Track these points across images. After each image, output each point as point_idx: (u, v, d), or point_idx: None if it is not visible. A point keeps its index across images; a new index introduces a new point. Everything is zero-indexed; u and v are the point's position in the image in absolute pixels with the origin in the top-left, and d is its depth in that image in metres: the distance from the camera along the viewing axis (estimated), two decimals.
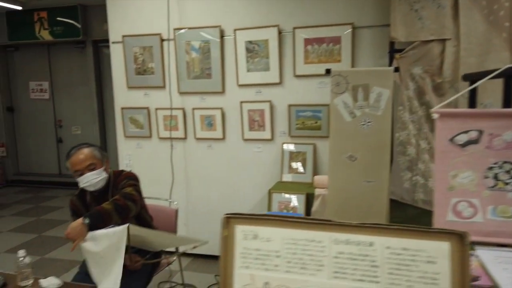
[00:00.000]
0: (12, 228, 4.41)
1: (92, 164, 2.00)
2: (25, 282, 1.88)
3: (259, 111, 3.11)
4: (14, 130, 6.55)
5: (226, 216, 1.16)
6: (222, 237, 1.17)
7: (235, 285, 1.12)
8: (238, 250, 1.13)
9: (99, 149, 2.09)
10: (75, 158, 1.99)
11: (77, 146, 2.06)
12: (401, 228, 1.00)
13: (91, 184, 2.01)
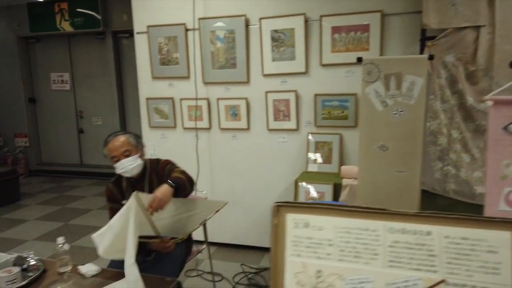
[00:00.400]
0: (39, 217, 4.51)
1: (128, 151, 2.05)
2: (64, 268, 1.92)
3: (284, 101, 3.09)
4: (36, 121, 6.67)
5: (276, 204, 1.16)
6: (273, 225, 1.18)
7: (287, 272, 1.13)
8: (289, 238, 1.14)
9: (135, 136, 2.14)
10: (111, 144, 2.06)
11: (114, 133, 2.12)
12: (460, 217, 0.99)
13: (127, 170, 2.06)
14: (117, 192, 2.17)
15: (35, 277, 1.83)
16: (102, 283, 1.80)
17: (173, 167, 2.16)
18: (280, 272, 1.13)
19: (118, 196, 2.16)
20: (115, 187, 2.18)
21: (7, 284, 1.74)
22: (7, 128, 6.64)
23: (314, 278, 1.09)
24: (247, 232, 3.42)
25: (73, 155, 6.60)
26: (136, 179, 2.14)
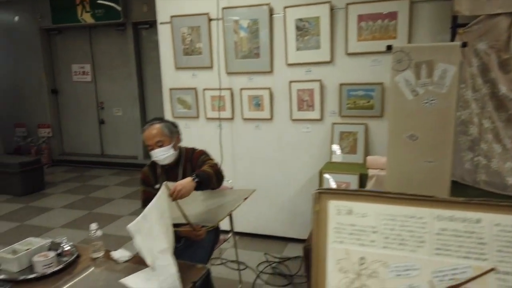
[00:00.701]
0: (64, 205, 4.61)
1: (160, 141, 2.09)
2: (96, 254, 1.97)
3: (308, 90, 3.07)
4: (59, 112, 6.79)
5: (318, 191, 1.16)
6: (314, 212, 1.18)
7: (329, 259, 1.13)
8: (331, 225, 1.13)
9: (169, 126, 2.17)
10: (147, 133, 2.11)
11: (151, 121, 2.17)
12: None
13: (160, 159, 2.12)
14: (152, 177, 2.22)
15: (70, 262, 1.88)
16: (134, 269, 1.83)
17: (207, 158, 2.19)
18: (322, 258, 1.13)
19: (152, 180, 2.21)
20: (150, 171, 2.23)
21: (44, 268, 1.78)
22: (31, 119, 6.78)
23: (357, 265, 1.09)
24: (270, 222, 3.43)
25: (94, 146, 6.71)
26: (170, 166, 2.19)
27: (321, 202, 1.14)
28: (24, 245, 1.93)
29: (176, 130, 2.21)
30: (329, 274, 1.11)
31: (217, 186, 2.09)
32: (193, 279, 1.71)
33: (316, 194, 1.16)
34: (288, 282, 2.78)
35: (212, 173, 2.03)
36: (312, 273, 1.14)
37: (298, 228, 3.34)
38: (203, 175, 1.98)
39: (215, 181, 2.05)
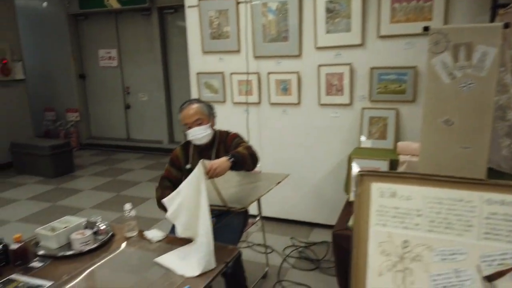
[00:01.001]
0: (92, 187, 4.74)
1: (199, 119, 2.12)
2: (131, 233, 2.01)
3: (337, 74, 3.01)
4: (86, 97, 6.92)
5: (360, 173, 1.14)
6: (356, 194, 1.16)
7: (371, 241, 1.11)
8: (373, 207, 1.12)
9: (208, 106, 2.20)
10: (185, 112, 2.15)
11: (189, 101, 2.20)
12: None
13: (197, 138, 2.14)
14: (183, 157, 2.24)
15: (105, 240, 1.93)
16: (167, 248, 1.87)
17: (240, 141, 2.20)
18: (363, 241, 1.11)
19: (182, 161, 2.23)
20: (182, 152, 2.25)
21: (81, 245, 1.84)
22: (59, 103, 6.95)
23: (401, 248, 1.07)
24: (296, 207, 3.43)
25: (120, 130, 6.83)
26: (204, 147, 2.21)
27: (363, 185, 1.12)
28: (62, 223, 1.99)
29: (213, 111, 2.23)
30: (370, 257, 1.10)
31: (252, 168, 2.09)
32: (226, 260, 1.73)
33: (358, 176, 1.14)
34: (314, 267, 2.79)
35: (247, 155, 2.03)
36: (352, 256, 1.13)
37: (325, 214, 3.33)
38: (238, 155, 1.99)
39: (250, 163, 2.05)
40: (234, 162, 1.94)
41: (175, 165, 2.24)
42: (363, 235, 1.11)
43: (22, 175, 5.29)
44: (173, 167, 2.25)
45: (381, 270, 1.08)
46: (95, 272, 1.71)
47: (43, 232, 1.89)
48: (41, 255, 1.81)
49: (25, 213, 3.94)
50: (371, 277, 1.09)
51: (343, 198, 2.94)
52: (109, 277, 1.70)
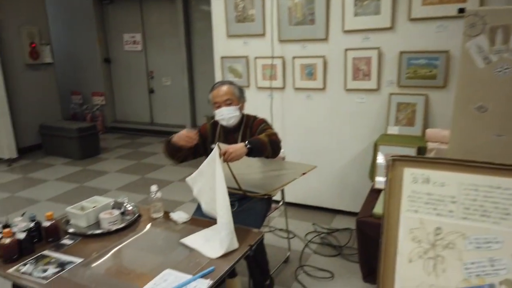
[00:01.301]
0: (118, 170, 4.85)
1: (229, 100, 2.12)
2: (156, 214, 2.05)
3: (365, 59, 2.94)
4: (111, 81, 7.03)
5: (392, 158, 1.11)
6: (387, 179, 1.14)
7: (401, 228, 1.09)
8: (405, 193, 1.09)
9: (239, 89, 2.20)
10: (216, 91, 2.15)
11: (222, 81, 2.22)
12: None
13: (225, 119, 2.13)
14: (210, 133, 2.25)
15: (132, 221, 1.97)
16: (192, 230, 1.89)
17: (266, 127, 2.17)
18: (394, 227, 1.09)
19: (209, 136, 2.24)
20: (211, 129, 2.27)
21: (109, 225, 1.89)
22: (86, 87, 7.09)
23: (433, 235, 1.04)
24: (319, 193, 3.41)
25: (144, 114, 6.93)
26: (231, 129, 2.21)
27: (395, 170, 1.10)
28: (91, 202, 2.04)
29: (243, 95, 2.23)
30: (400, 243, 1.08)
31: (272, 156, 2.06)
32: (250, 243, 1.74)
33: (390, 161, 1.11)
34: (337, 253, 2.78)
35: (266, 142, 2.00)
36: (381, 241, 1.11)
37: (348, 201, 3.29)
38: (256, 142, 1.97)
39: (269, 150, 2.01)
40: (250, 149, 1.92)
41: (202, 135, 2.23)
42: (393, 221, 1.09)
43: (50, 156, 5.46)
44: (200, 137, 2.22)
45: (412, 257, 1.06)
46: (123, 251, 1.75)
47: (73, 211, 1.95)
48: (72, 233, 1.86)
49: (54, 193, 4.08)
50: (400, 263, 1.07)
51: (368, 185, 2.90)
52: (136, 256, 1.74)
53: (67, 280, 1.51)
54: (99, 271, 1.58)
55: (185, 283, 1.44)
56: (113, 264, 1.66)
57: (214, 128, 2.26)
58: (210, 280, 1.46)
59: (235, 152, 1.88)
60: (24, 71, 5.54)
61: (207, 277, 1.48)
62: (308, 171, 2.15)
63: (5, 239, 1.61)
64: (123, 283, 1.49)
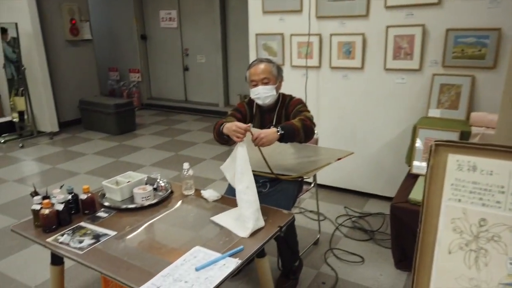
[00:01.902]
0: (152, 146, 4.95)
1: (267, 79, 2.07)
2: (188, 191, 2.07)
3: (408, 36, 2.78)
4: (147, 57, 7.12)
5: (436, 143, 1.04)
6: (429, 165, 1.07)
7: (442, 217, 1.02)
8: (448, 181, 1.02)
9: (277, 67, 2.14)
10: (254, 69, 2.10)
11: (260, 59, 2.15)
12: None
13: (260, 98, 2.09)
14: (248, 111, 2.22)
15: (164, 197, 2.00)
16: (222, 208, 1.90)
17: (302, 108, 2.11)
18: (434, 215, 1.03)
19: (246, 113, 2.20)
20: (248, 106, 2.23)
21: (142, 200, 1.92)
22: (123, 64, 7.23)
23: (476, 226, 0.97)
24: (352, 176, 3.33)
25: (178, 92, 7.00)
26: (266, 109, 2.17)
27: (438, 155, 1.02)
28: (125, 177, 2.09)
29: (281, 74, 2.16)
30: (440, 233, 1.01)
31: (305, 141, 2.00)
32: (280, 224, 1.72)
33: (432, 146, 1.03)
34: (368, 238, 2.72)
35: (299, 127, 1.94)
36: (419, 230, 1.05)
37: (382, 185, 3.20)
38: (288, 128, 1.91)
39: (302, 136, 1.95)
40: (282, 134, 1.88)
41: (241, 111, 2.20)
42: (433, 210, 1.03)
43: (89, 131, 5.66)
44: (238, 112, 2.20)
45: (451, 248, 1.00)
46: (155, 226, 1.79)
47: (108, 185, 2.00)
48: (107, 206, 1.92)
49: (92, 167, 4.23)
50: (439, 254, 1.01)
51: (404, 170, 2.80)
52: (167, 231, 1.77)
53: (101, 251, 1.55)
54: (131, 244, 1.62)
55: (214, 261, 1.45)
56: (145, 239, 1.69)
57: (250, 106, 2.23)
58: (239, 260, 1.46)
59: (266, 137, 1.84)
60: (64, 47, 5.70)
61: (236, 256, 1.48)
62: (344, 157, 2.08)
63: (44, 209, 1.68)
64: (154, 257, 1.52)
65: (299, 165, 2.14)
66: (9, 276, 2.36)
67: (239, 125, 1.85)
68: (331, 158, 2.10)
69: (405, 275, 2.31)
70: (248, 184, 1.75)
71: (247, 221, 1.66)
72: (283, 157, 2.10)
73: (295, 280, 2.22)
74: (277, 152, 2.02)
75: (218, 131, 1.98)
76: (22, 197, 3.47)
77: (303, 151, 2.12)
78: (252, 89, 2.10)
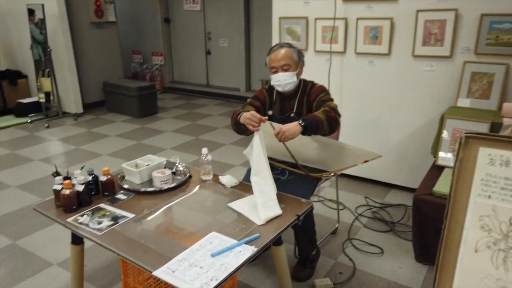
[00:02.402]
0: (173, 129, 4.98)
1: (287, 65, 2.01)
2: (206, 176, 2.06)
3: (439, 22, 2.65)
4: (170, 41, 7.12)
5: (466, 135, 0.98)
6: (457, 159, 1.01)
7: (469, 213, 0.97)
8: (478, 175, 0.96)
9: (298, 52, 2.07)
10: (274, 55, 2.03)
11: (280, 44, 2.07)
12: None
13: (281, 85, 2.04)
14: (267, 98, 2.17)
15: (183, 181, 2.00)
16: (239, 195, 1.88)
17: (325, 97, 2.03)
18: (460, 212, 0.97)
19: (266, 100, 2.16)
20: (267, 93, 2.18)
21: (161, 183, 1.93)
22: (146, 47, 7.26)
23: (506, 225, 0.92)
24: (373, 165, 3.20)
25: (200, 76, 6.98)
26: (286, 95, 2.12)
27: (468, 149, 0.96)
28: (145, 160, 2.10)
29: (302, 59, 2.09)
30: (466, 230, 0.96)
31: (330, 132, 1.93)
32: (297, 212, 1.69)
33: (463, 138, 0.97)
34: (388, 229, 2.66)
35: (323, 120, 1.86)
36: (444, 226, 1.00)
37: (404, 175, 3.11)
38: (311, 120, 1.84)
39: (326, 128, 1.88)
40: (305, 127, 1.82)
41: (260, 99, 2.16)
42: (460, 206, 0.97)
43: (112, 113, 5.74)
44: (257, 100, 2.16)
45: (478, 247, 0.95)
46: (172, 210, 1.79)
47: (128, 168, 2.01)
48: (126, 188, 1.93)
49: (114, 148, 4.30)
50: (464, 252, 0.96)
51: (428, 161, 2.70)
52: (184, 216, 1.77)
53: (119, 233, 1.57)
54: (149, 227, 1.63)
55: (230, 248, 1.44)
56: (163, 222, 1.70)
57: (270, 93, 2.18)
58: (255, 247, 1.44)
59: (289, 131, 1.80)
60: (89, 29, 5.75)
61: (252, 244, 1.46)
62: (371, 160, 2.01)
63: (65, 190, 1.70)
64: (171, 241, 1.52)
65: (322, 161, 2.10)
66: (32, 252, 2.44)
67: (254, 113, 1.83)
68: (357, 160, 2.03)
69: (425, 269, 2.25)
70: (262, 174, 1.74)
71: (265, 209, 1.65)
72: (306, 150, 2.06)
73: (311, 269, 2.20)
74: (299, 144, 1.97)
75: (236, 121, 1.96)
76: (47, 176, 3.56)
77: (327, 147, 2.06)
78: (272, 76, 2.05)
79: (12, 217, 2.86)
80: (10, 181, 3.48)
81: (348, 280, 2.16)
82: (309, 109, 2.07)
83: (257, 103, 2.13)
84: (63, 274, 2.22)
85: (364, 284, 2.13)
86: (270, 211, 1.66)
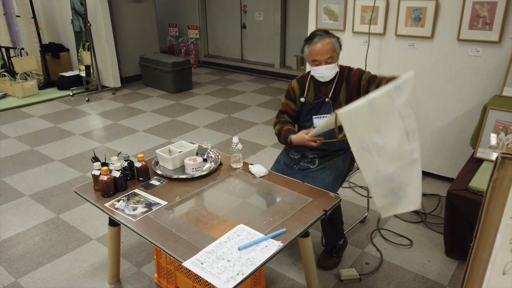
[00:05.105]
0: (206, 106, 5.03)
1: (331, 58, 1.97)
2: (236, 164, 2.09)
3: (489, 4, 2.46)
4: (206, 14, 7.06)
5: (503, 156, 0.93)
6: (492, 179, 0.97)
7: (500, 235, 0.94)
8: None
9: (338, 41, 2.01)
10: (317, 48, 1.96)
11: (320, 34, 1.98)
12: None
13: (323, 77, 2.01)
14: (299, 89, 2.15)
15: (214, 169, 2.04)
16: (268, 185, 1.90)
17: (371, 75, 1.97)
18: (490, 232, 0.94)
19: (297, 93, 2.14)
20: (298, 85, 2.16)
21: (193, 170, 1.98)
22: (182, 20, 7.25)
23: None
24: None
25: (235, 50, 6.93)
26: (323, 82, 2.07)
27: (504, 170, 0.92)
28: (177, 147, 2.15)
29: (341, 45, 2.03)
30: (495, 252, 0.94)
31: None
32: (325, 207, 1.70)
33: (499, 158, 0.93)
34: (420, 220, 2.61)
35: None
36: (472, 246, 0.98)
37: (441, 164, 3.02)
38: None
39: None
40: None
41: (291, 98, 2.16)
42: (491, 227, 0.94)
43: (148, 88, 5.86)
44: (289, 100, 2.16)
45: (506, 270, 0.92)
46: (203, 199, 1.85)
47: (162, 154, 2.07)
48: (159, 174, 2.00)
49: (150, 125, 4.41)
50: (491, 274, 0.94)
51: (466, 151, 2.60)
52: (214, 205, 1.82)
53: (152, 221, 1.64)
54: (180, 216, 1.69)
55: (256, 242, 1.47)
56: (193, 211, 1.76)
57: (302, 82, 2.15)
58: (281, 243, 1.47)
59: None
60: (127, 3, 5.80)
61: (278, 239, 1.49)
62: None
63: (103, 176, 1.79)
64: (200, 231, 1.58)
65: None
66: (74, 226, 2.61)
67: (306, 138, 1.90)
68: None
69: (455, 264, 2.21)
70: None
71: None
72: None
73: (338, 258, 2.22)
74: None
75: (285, 142, 2.04)
76: (88, 151, 3.74)
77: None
78: (314, 68, 2.00)
79: (56, 191, 3.06)
80: (54, 155, 3.69)
81: (374, 271, 2.17)
82: (349, 93, 2.03)
83: (292, 106, 2.13)
84: (101, 249, 2.38)
85: (390, 276, 2.13)
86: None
